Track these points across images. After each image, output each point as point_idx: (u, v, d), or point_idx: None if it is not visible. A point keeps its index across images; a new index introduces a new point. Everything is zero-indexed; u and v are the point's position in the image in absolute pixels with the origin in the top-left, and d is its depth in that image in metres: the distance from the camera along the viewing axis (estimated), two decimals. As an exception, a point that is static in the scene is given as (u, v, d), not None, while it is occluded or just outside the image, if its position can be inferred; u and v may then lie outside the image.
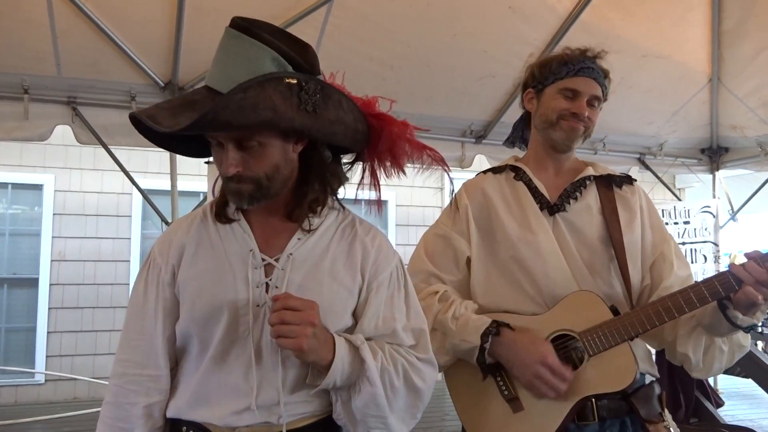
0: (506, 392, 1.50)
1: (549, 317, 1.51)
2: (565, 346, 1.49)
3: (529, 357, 1.44)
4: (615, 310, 1.48)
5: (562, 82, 1.62)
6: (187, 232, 1.31)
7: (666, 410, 1.53)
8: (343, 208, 1.37)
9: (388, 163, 1.35)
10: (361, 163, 1.37)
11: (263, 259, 1.25)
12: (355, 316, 1.29)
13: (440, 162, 1.37)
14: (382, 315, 1.28)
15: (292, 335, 1.11)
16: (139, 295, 1.30)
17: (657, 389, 1.54)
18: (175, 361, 1.31)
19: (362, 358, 1.20)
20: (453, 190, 1.71)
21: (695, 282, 1.42)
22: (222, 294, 1.22)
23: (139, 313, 1.29)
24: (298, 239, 1.27)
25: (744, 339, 1.50)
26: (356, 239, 1.32)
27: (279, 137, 1.19)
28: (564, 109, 1.60)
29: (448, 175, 1.42)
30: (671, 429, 1.49)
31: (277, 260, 1.25)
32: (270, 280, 1.24)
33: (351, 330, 1.28)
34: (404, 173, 1.36)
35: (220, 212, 1.29)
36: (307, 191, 1.27)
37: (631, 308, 1.52)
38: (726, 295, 1.36)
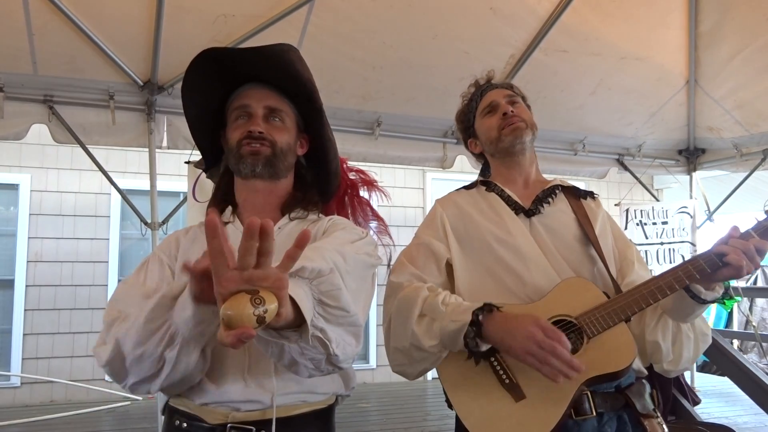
0: (506, 380, 1.46)
1: (543, 304, 1.51)
2: (562, 331, 1.49)
3: (520, 325, 1.37)
4: (607, 295, 1.51)
5: (478, 108, 1.81)
6: (185, 233, 1.45)
7: (657, 408, 1.54)
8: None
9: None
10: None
11: None
12: None
13: (384, 232, 1.70)
14: (326, 237, 1.31)
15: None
16: (139, 279, 1.33)
17: (648, 387, 1.56)
18: None
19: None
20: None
21: (682, 262, 1.47)
22: None
23: (136, 281, 1.32)
24: (279, 228, 1.39)
25: (705, 327, 1.56)
26: (322, 223, 1.42)
27: (294, 125, 1.45)
28: (495, 121, 1.74)
29: (392, 239, 1.70)
30: (664, 426, 1.50)
31: None
32: None
33: None
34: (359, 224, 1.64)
35: None
36: (303, 192, 1.47)
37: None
38: (711, 272, 1.40)
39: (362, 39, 3.71)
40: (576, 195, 1.75)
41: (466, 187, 1.83)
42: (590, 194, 1.79)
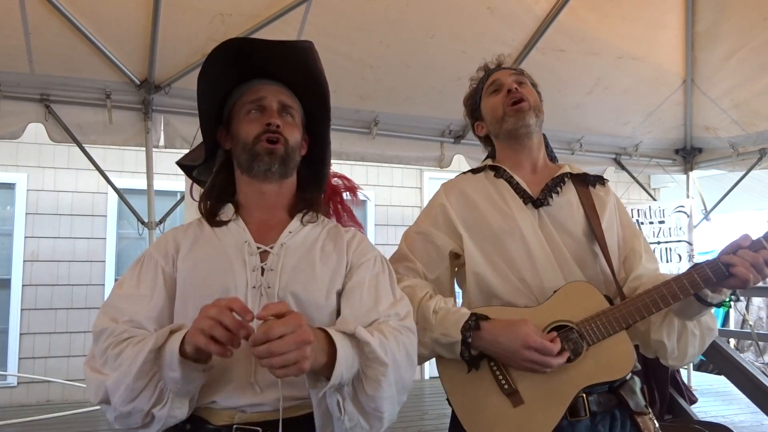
0: (506, 386, 1.48)
1: (545, 308, 1.51)
2: (562, 337, 1.48)
3: (511, 345, 1.42)
4: (609, 300, 1.50)
5: (484, 88, 1.78)
6: (184, 232, 1.41)
7: (647, 405, 1.55)
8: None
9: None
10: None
11: (258, 248, 1.33)
12: (342, 294, 1.32)
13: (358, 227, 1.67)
14: (367, 293, 1.31)
15: (291, 363, 1.01)
16: (132, 283, 1.32)
17: (639, 383, 1.56)
18: None
19: (362, 340, 1.15)
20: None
21: (688, 270, 1.44)
22: (220, 278, 1.27)
23: (132, 291, 1.30)
24: (290, 232, 1.37)
25: (712, 322, 1.54)
26: (341, 233, 1.43)
27: (301, 125, 1.44)
28: (500, 100, 1.70)
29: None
30: (655, 422, 1.51)
31: (271, 248, 1.33)
32: (265, 264, 1.30)
33: (336, 311, 1.31)
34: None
35: (212, 218, 1.40)
36: (306, 193, 1.46)
37: (620, 297, 1.54)
38: (717, 281, 1.38)
39: (359, 38, 3.71)
40: (585, 182, 1.71)
41: (474, 171, 1.78)
42: (599, 180, 1.74)
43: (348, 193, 1.73)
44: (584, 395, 1.46)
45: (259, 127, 1.35)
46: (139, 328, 1.23)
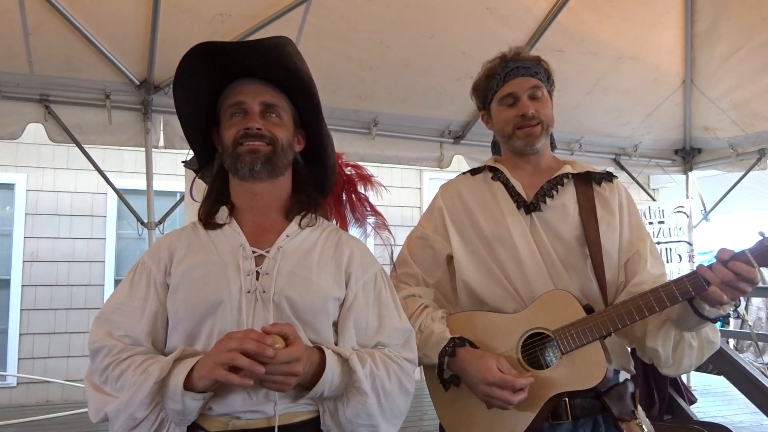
0: None
1: (524, 316, 1.52)
2: (539, 344, 1.50)
3: (473, 378, 1.47)
4: (589, 309, 1.48)
5: (498, 94, 1.69)
6: (177, 237, 1.39)
7: (639, 408, 1.54)
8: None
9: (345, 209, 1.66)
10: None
11: (254, 251, 1.31)
12: (342, 313, 1.32)
13: (382, 227, 1.68)
14: (371, 314, 1.34)
15: (274, 386, 1.15)
16: (124, 291, 1.33)
17: (631, 387, 1.55)
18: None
19: (352, 368, 1.21)
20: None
21: (667, 281, 1.41)
22: (213, 282, 1.26)
23: (124, 300, 1.31)
24: (287, 236, 1.35)
25: (713, 335, 1.49)
26: (342, 241, 1.41)
27: (291, 121, 1.40)
28: (512, 117, 1.65)
29: (391, 234, 1.68)
30: (644, 427, 1.49)
31: (267, 252, 1.32)
32: (260, 268, 1.29)
33: (335, 322, 1.32)
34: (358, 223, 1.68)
35: (208, 220, 1.38)
36: (302, 194, 1.43)
37: (606, 306, 1.51)
38: (696, 295, 1.35)
39: (359, 39, 3.71)
40: (588, 182, 1.66)
41: (474, 171, 1.79)
42: (606, 177, 1.69)
43: (361, 183, 1.72)
44: (566, 399, 1.46)
45: (239, 130, 1.34)
46: (135, 344, 1.25)
